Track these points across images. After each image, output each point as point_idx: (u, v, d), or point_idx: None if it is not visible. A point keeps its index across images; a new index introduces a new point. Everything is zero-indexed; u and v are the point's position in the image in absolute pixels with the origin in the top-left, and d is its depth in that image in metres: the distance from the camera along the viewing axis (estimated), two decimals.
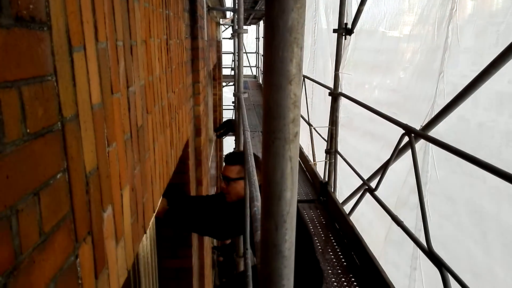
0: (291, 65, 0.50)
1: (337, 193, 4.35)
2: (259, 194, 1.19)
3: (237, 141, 3.54)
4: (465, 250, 2.71)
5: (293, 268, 0.61)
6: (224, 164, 2.34)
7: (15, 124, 0.51)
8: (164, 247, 2.31)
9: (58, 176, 0.63)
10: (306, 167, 5.32)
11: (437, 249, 2.16)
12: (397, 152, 2.81)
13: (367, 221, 4.02)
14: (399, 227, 2.60)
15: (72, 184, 0.68)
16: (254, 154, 1.69)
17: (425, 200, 2.32)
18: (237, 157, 2.26)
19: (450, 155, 2.06)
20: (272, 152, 0.55)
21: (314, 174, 4.86)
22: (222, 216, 2.10)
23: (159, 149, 1.43)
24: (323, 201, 4.32)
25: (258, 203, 1.15)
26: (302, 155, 5.53)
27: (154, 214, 1.61)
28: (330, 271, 3.06)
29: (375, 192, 3.10)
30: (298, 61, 0.50)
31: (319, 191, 4.44)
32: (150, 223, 1.63)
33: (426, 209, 2.26)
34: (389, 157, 2.92)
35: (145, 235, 1.51)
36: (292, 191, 0.58)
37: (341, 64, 4.04)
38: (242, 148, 2.85)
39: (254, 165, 1.48)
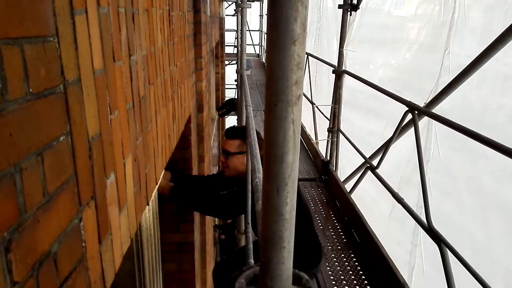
0: (295, 24, 0.49)
1: (339, 172, 4.36)
2: (261, 166, 1.19)
3: (239, 120, 3.53)
4: (465, 226, 2.73)
5: (294, 231, 0.61)
6: (224, 138, 2.33)
7: (18, 82, 0.51)
8: (166, 221, 2.33)
9: (61, 139, 0.63)
10: (308, 146, 5.32)
11: (438, 225, 2.17)
12: (400, 129, 2.80)
13: (370, 199, 4.05)
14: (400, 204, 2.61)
15: (75, 148, 0.68)
16: (255, 130, 1.69)
17: (427, 177, 2.33)
18: (237, 131, 2.25)
19: (452, 133, 2.05)
20: (274, 114, 0.55)
21: (316, 152, 4.86)
22: (223, 197, 2.11)
23: (161, 122, 1.43)
24: (325, 180, 4.34)
25: (260, 175, 1.15)
26: (304, 133, 5.53)
27: (157, 188, 1.62)
28: (330, 248, 3.10)
29: (377, 170, 3.11)
30: (302, 20, 0.49)
31: (321, 169, 4.45)
32: (153, 196, 1.64)
33: (427, 186, 2.26)
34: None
35: (147, 207, 1.52)
36: (294, 154, 0.58)
37: (345, 41, 3.99)
38: (244, 124, 2.84)
39: (256, 139, 1.48)
